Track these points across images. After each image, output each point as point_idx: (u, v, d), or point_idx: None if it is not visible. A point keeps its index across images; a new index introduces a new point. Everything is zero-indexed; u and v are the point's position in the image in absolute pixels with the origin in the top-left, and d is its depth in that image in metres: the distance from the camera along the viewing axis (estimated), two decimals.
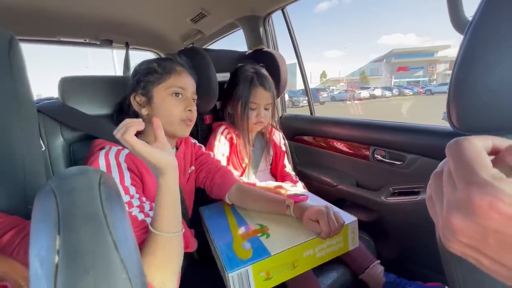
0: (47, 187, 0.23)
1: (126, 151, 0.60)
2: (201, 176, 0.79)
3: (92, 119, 0.70)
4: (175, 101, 0.66)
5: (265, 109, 0.91)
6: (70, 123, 0.69)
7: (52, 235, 0.20)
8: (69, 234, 0.20)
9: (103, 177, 0.25)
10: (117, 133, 0.45)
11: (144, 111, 0.66)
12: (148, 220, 0.54)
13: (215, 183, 0.77)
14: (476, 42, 0.34)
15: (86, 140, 0.73)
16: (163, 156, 0.47)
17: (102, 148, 0.61)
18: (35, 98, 0.56)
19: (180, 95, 0.66)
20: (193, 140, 0.84)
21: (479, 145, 0.17)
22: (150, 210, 0.57)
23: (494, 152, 0.18)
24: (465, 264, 0.33)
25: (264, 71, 0.94)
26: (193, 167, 0.79)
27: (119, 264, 0.20)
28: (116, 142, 0.59)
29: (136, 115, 0.68)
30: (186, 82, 0.68)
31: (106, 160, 0.57)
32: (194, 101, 0.71)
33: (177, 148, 0.76)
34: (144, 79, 0.66)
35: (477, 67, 0.33)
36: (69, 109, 0.70)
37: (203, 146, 0.85)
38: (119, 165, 0.57)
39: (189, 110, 0.67)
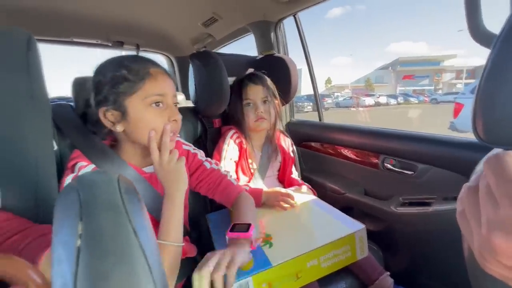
0: (70, 184, 0.24)
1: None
2: (202, 192, 0.74)
3: (86, 133, 0.63)
4: (156, 112, 0.55)
5: (264, 103, 0.90)
6: (66, 132, 0.64)
7: (75, 222, 0.21)
8: (90, 220, 0.21)
9: (121, 176, 0.27)
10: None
11: (119, 128, 0.55)
12: None
13: (217, 199, 0.73)
14: (506, 53, 0.33)
15: None
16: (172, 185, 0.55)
17: (73, 167, 0.55)
18: None
19: (160, 103, 0.56)
20: (186, 146, 0.73)
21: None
22: None
23: None
24: (500, 286, 0.31)
25: (259, 73, 0.94)
26: None
27: (137, 249, 0.21)
28: (92, 159, 0.57)
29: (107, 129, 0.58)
30: (164, 86, 0.56)
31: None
32: (176, 106, 0.60)
33: None
34: (113, 91, 0.53)
35: (506, 79, 0.33)
36: (72, 117, 0.66)
37: (198, 153, 0.74)
38: None
39: (173, 120, 0.57)
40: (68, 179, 0.53)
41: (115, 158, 0.59)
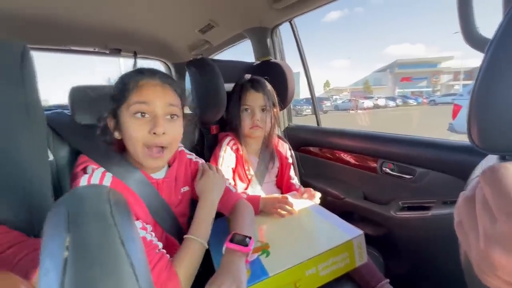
0: (60, 199, 0.24)
1: (109, 175, 0.56)
2: None
3: (92, 137, 0.63)
4: (138, 122, 0.54)
5: (262, 111, 0.90)
6: (73, 141, 0.65)
7: (62, 234, 0.21)
8: (78, 231, 0.21)
9: (112, 189, 0.27)
10: None
11: (117, 136, 0.59)
12: (155, 239, 0.55)
13: None
14: (499, 59, 0.33)
15: None
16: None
17: (85, 169, 0.57)
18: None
19: (145, 114, 0.55)
20: (189, 156, 0.75)
21: None
22: (152, 231, 0.57)
23: None
24: None
25: (261, 79, 0.94)
26: (187, 188, 0.71)
27: (125, 259, 0.21)
28: (101, 162, 0.58)
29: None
30: (151, 94, 0.55)
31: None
32: (172, 117, 0.58)
33: (169, 166, 0.69)
34: (112, 101, 0.58)
35: (500, 84, 0.32)
36: (75, 125, 0.67)
37: (200, 161, 0.76)
38: None
39: (153, 133, 0.54)
40: (83, 180, 0.54)
41: (123, 162, 0.60)
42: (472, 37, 0.58)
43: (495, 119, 0.33)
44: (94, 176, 0.55)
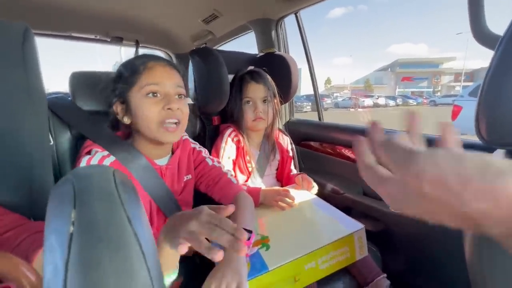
0: (65, 176, 0.24)
1: (111, 158, 0.57)
2: (202, 188, 0.75)
3: (95, 122, 0.65)
4: (151, 102, 0.57)
5: (263, 102, 0.89)
6: (76, 124, 0.66)
7: (68, 210, 0.20)
8: (84, 208, 0.21)
9: (116, 170, 0.27)
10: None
11: (126, 120, 0.60)
12: None
13: (215, 197, 0.73)
14: (510, 56, 0.33)
15: None
16: None
17: (89, 152, 0.58)
18: None
19: (157, 94, 0.58)
20: (193, 144, 0.76)
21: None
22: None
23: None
24: (500, 286, 0.31)
25: (261, 71, 0.93)
26: (189, 176, 0.72)
27: (132, 236, 0.21)
28: (105, 147, 0.59)
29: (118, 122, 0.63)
30: (160, 76, 0.58)
31: None
32: (180, 97, 0.61)
33: (172, 153, 0.70)
34: (117, 86, 0.59)
35: (510, 79, 0.32)
36: (77, 109, 0.68)
37: (203, 150, 0.77)
38: None
39: (168, 108, 0.57)
40: (83, 160, 0.55)
41: (127, 147, 0.61)
42: (482, 34, 0.58)
43: (504, 114, 0.33)
44: (95, 157, 0.56)
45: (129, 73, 0.58)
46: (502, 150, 0.38)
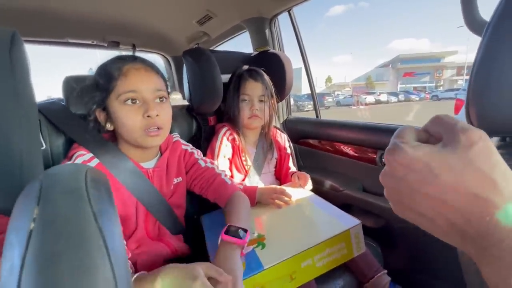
0: (34, 179, 0.24)
1: (95, 162, 0.56)
2: (196, 190, 0.73)
3: (85, 126, 0.63)
4: (129, 109, 0.55)
5: (260, 101, 0.89)
6: (65, 129, 0.64)
7: (31, 207, 0.20)
8: (47, 204, 0.20)
9: (91, 168, 0.27)
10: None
11: (109, 127, 0.59)
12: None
13: (210, 198, 0.72)
14: (496, 42, 0.33)
15: None
16: None
17: (71, 156, 0.57)
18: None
19: (136, 100, 0.55)
20: (185, 146, 0.74)
21: (408, 128, 0.23)
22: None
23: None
24: None
25: (259, 70, 0.93)
26: (180, 178, 0.70)
27: (96, 232, 0.20)
28: (92, 150, 0.58)
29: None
30: (136, 81, 0.56)
31: None
32: (161, 100, 0.59)
33: (161, 154, 0.69)
34: (96, 92, 0.57)
35: (497, 67, 0.32)
36: (68, 114, 0.66)
37: (196, 152, 0.75)
38: None
39: (147, 116, 0.55)
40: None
41: (115, 150, 0.60)
42: (474, 22, 0.56)
43: (493, 101, 0.32)
44: (79, 160, 0.56)
45: (104, 80, 0.56)
46: (496, 138, 0.37)
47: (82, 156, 0.57)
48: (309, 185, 0.88)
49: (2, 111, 0.44)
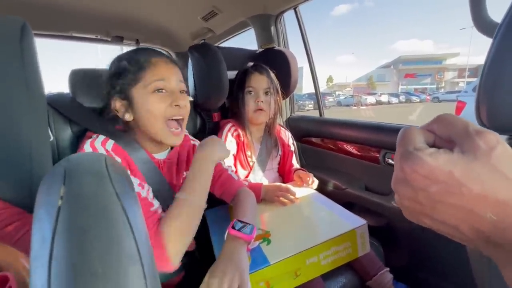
0: (57, 163, 0.25)
1: (112, 141, 0.58)
2: None
3: (96, 117, 0.65)
4: (157, 98, 0.57)
5: (265, 94, 0.90)
6: (76, 119, 0.66)
7: (58, 187, 0.21)
8: (72, 183, 0.21)
9: (108, 156, 0.28)
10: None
11: (128, 117, 0.59)
12: (150, 197, 0.57)
13: (216, 193, 0.72)
14: (508, 41, 0.33)
15: None
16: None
17: (91, 136, 0.59)
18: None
19: (163, 90, 0.57)
20: (193, 141, 0.75)
21: (415, 130, 0.21)
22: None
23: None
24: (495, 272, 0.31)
25: (264, 65, 0.93)
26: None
27: (119, 208, 0.21)
28: (109, 136, 0.59)
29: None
30: (166, 72, 0.58)
31: (92, 148, 0.55)
32: (182, 93, 0.61)
33: (171, 148, 0.69)
34: (118, 81, 0.57)
35: (508, 66, 0.32)
36: (77, 105, 0.68)
37: None
38: (107, 152, 0.55)
39: (175, 105, 0.57)
40: (87, 144, 0.55)
41: (129, 139, 0.61)
42: (483, 23, 0.57)
43: (504, 100, 0.33)
44: (98, 139, 0.56)
45: (132, 69, 0.57)
46: (505, 136, 0.37)
47: (98, 137, 0.58)
48: (315, 184, 0.88)
49: (12, 101, 0.44)
